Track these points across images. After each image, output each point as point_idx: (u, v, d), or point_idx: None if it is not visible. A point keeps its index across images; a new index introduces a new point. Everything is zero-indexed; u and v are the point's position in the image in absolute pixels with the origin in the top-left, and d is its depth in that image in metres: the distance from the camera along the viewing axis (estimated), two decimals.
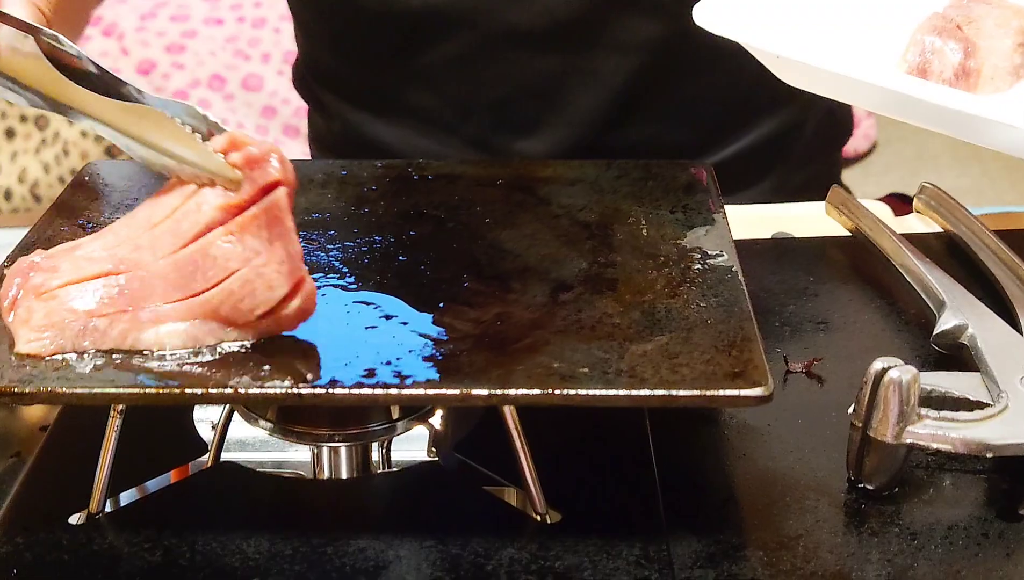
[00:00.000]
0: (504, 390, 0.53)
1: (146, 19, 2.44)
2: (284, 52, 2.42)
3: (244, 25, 2.44)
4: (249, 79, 2.41)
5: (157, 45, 2.41)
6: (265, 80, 2.41)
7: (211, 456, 0.64)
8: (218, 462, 0.63)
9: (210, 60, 2.41)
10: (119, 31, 2.41)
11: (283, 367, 0.54)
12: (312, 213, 0.70)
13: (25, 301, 0.56)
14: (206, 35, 2.42)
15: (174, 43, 2.41)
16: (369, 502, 0.61)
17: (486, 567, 0.55)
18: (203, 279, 0.55)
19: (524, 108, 1.01)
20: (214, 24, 2.44)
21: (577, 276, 0.63)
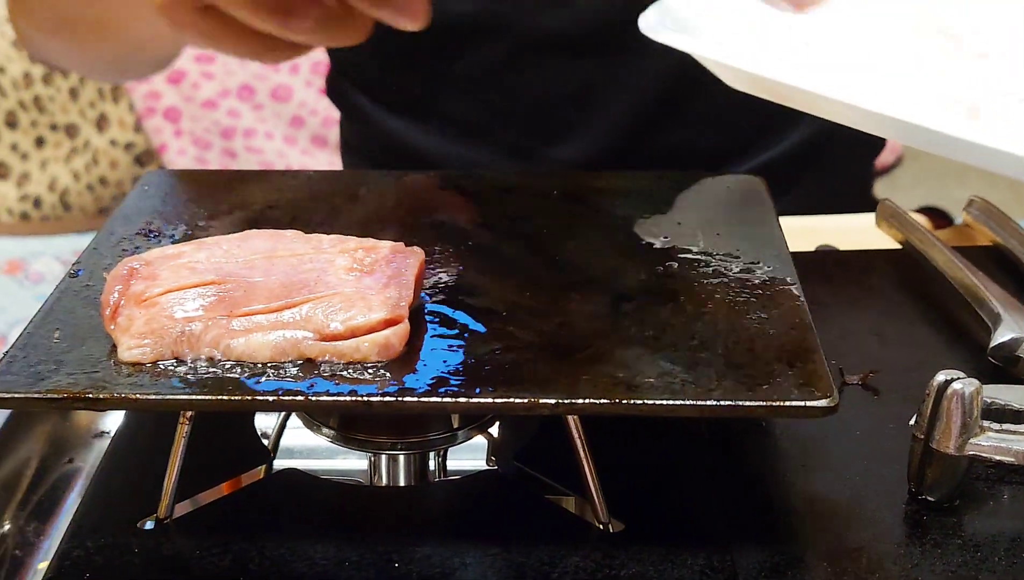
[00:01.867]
0: (571, 399, 0.54)
1: None
2: (312, 63, 2.43)
3: None
4: (278, 89, 2.43)
5: (187, 55, 2.42)
6: (294, 90, 2.43)
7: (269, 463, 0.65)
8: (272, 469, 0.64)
9: (239, 70, 2.42)
10: None
11: (353, 376, 0.55)
12: (370, 223, 0.70)
13: (126, 309, 0.57)
14: None
15: (204, 53, 2.42)
16: (431, 510, 0.61)
17: (551, 575, 0.55)
18: (308, 292, 0.57)
19: (557, 114, 1.01)
20: None
21: (637, 287, 0.63)
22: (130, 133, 2.43)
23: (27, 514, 0.81)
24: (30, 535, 0.80)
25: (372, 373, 0.56)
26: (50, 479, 0.85)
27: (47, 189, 2.46)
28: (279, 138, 2.43)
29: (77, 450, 0.88)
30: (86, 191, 2.45)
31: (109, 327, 0.58)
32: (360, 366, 0.56)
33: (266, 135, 2.42)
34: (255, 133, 2.41)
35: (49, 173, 2.47)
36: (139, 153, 2.44)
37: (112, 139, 2.43)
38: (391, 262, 0.61)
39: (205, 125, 2.40)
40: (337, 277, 0.59)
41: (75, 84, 2.43)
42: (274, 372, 0.56)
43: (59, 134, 2.47)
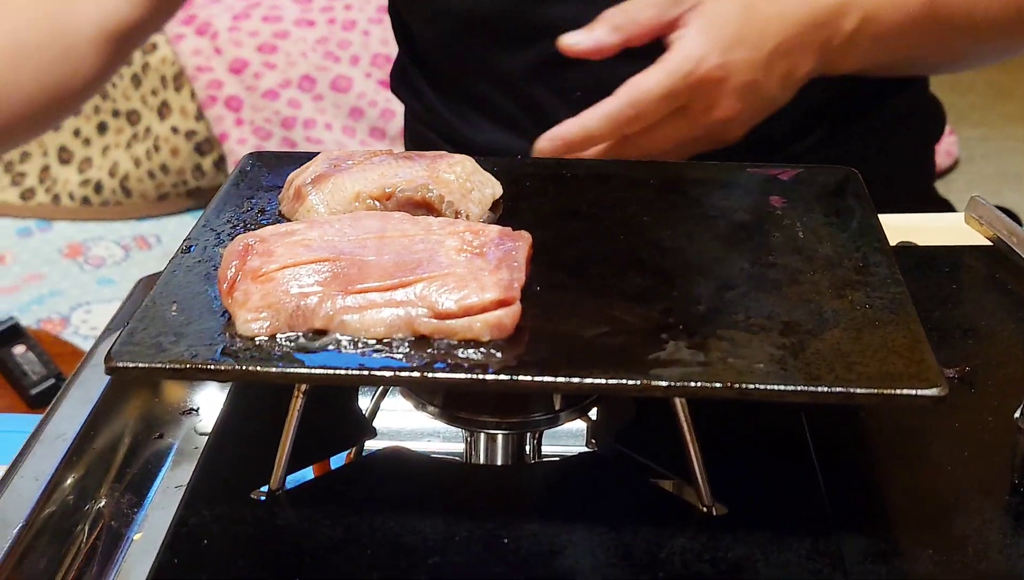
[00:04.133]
0: (684, 383, 0.55)
1: (239, 19, 2.48)
2: (372, 55, 2.46)
3: (335, 27, 2.48)
4: (338, 80, 2.45)
5: (249, 45, 2.45)
6: (354, 82, 2.45)
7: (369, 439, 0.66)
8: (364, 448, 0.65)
9: (301, 61, 2.45)
10: (213, 30, 2.46)
11: (466, 355, 0.56)
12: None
13: (243, 284, 0.58)
14: (297, 36, 2.46)
15: (266, 43, 2.45)
16: (536, 489, 0.62)
17: (659, 555, 0.56)
18: (421, 271, 0.58)
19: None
20: (305, 25, 2.48)
21: (740, 275, 0.64)
22: (191, 121, 2.46)
23: (122, 487, 0.83)
24: (124, 507, 0.81)
25: (484, 352, 0.57)
26: (142, 454, 0.86)
27: (108, 175, 2.49)
28: (338, 129, 2.45)
29: (167, 426, 0.90)
30: (147, 177, 2.48)
31: (226, 301, 0.59)
32: (472, 345, 0.57)
33: (325, 126, 2.44)
34: (315, 123, 2.43)
35: (110, 159, 2.50)
36: (200, 141, 2.47)
37: (173, 126, 2.46)
38: (500, 245, 0.62)
39: (266, 115, 2.43)
40: (448, 258, 0.60)
41: (138, 71, 2.47)
42: (387, 349, 0.57)
43: (121, 121, 2.50)
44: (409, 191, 0.68)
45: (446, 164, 0.70)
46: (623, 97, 0.80)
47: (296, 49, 2.45)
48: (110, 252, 2.41)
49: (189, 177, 2.49)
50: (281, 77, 2.43)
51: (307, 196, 0.68)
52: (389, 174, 0.69)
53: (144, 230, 2.49)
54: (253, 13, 2.48)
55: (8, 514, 0.73)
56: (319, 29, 2.47)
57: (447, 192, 0.68)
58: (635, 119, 0.81)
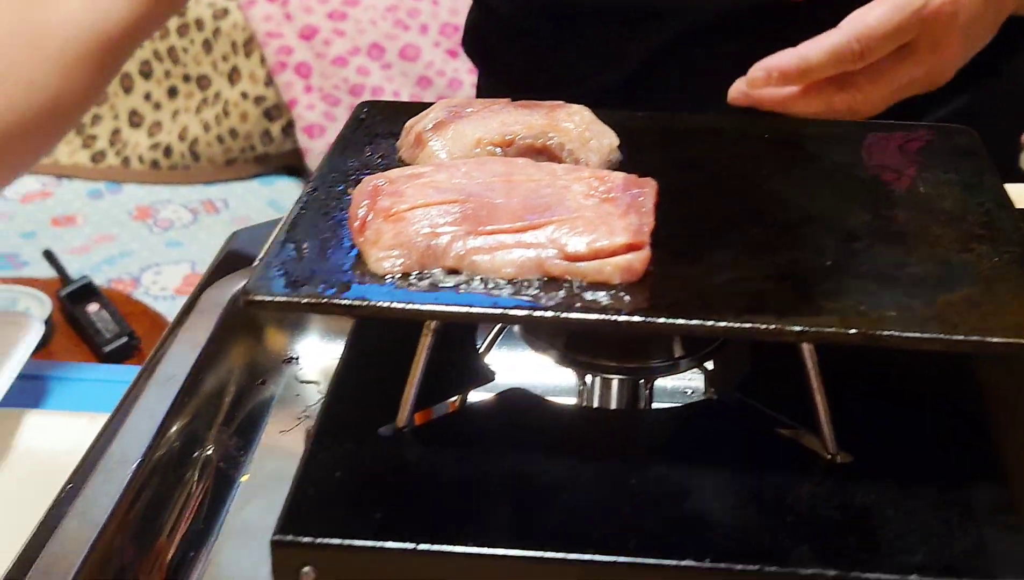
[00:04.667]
0: (818, 328, 0.55)
1: None
2: (441, 24, 2.46)
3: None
4: (407, 49, 2.45)
5: (320, 11, 2.46)
6: (422, 51, 2.45)
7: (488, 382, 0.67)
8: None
9: (370, 29, 2.46)
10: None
11: (595, 297, 0.56)
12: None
13: (374, 222, 0.59)
14: (367, 3, 2.47)
15: (336, 10, 2.46)
16: (658, 434, 0.62)
17: (785, 500, 0.56)
18: (550, 215, 0.58)
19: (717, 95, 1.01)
20: None
21: (863, 227, 0.64)
22: (261, 87, 2.48)
23: (229, 431, 0.84)
24: (232, 450, 0.83)
25: (613, 295, 0.57)
26: (246, 400, 0.88)
27: (177, 138, 2.52)
28: (405, 97, 2.46)
29: (269, 373, 0.91)
30: (215, 142, 2.50)
31: (358, 240, 0.60)
32: (601, 288, 0.57)
33: (393, 93, 2.45)
34: (383, 91, 2.44)
35: (180, 123, 2.52)
36: (268, 107, 2.48)
37: (243, 92, 2.48)
38: (627, 191, 0.62)
39: (334, 81, 2.44)
40: (576, 202, 0.61)
41: (209, 36, 2.48)
42: (517, 289, 0.57)
43: (191, 85, 2.52)
44: (530, 138, 0.68)
45: (565, 113, 0.70)
46: (847, 31, 0.75)
47: (366, 16, 2.46)
48: (178, 215, 2.43)
49: (257, 142, 2.51)
50: (350, 44, 2.44)
51: (428, 142, 0.69)
52: (509, 121, 0.69)
53: (212, 194, 2.51)
54: None
55: (123, 453, 0.75)
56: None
57: (567, 140, 0.69)
58: (859, 55, 0.76)
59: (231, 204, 2.48)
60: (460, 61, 2.46)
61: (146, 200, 2.47)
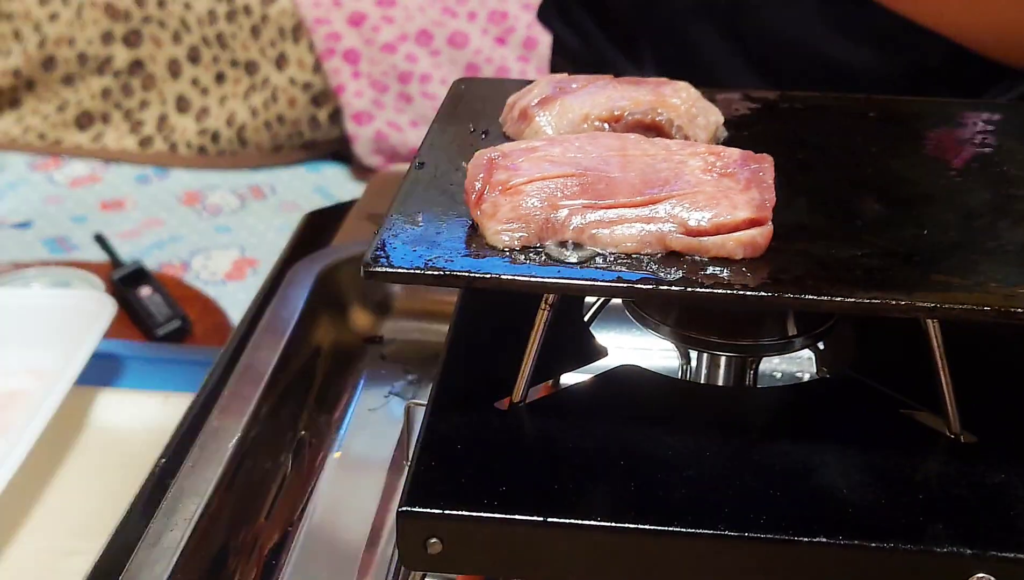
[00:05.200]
0: (950, 304, 0.54)
1: None
2: (489, 11, 2.45)
3: None
4: (455, 36, 2.44)
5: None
6: (470, 38, 2.44)
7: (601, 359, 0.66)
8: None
9: (419, 15, 2.45)
10: None
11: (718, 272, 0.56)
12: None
13: (491, 195, 0.58)
14: None
15: None
16: (777, 412, 0.62)
17: (914, 478, 0.56)
18: (669, 189, 0.58)
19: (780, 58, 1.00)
20: None
21: (983, 205, 0.63)
22: (308, 73, 2.47)
23: (320, 410, 0.84)
24: (323, 427, 0.83)
25: (736, 270, 0.56)
26: (334, 380, 0.88)
27: (225, 124, 2.51)
28: None
29: (354, 353, 0.91)
30: (263, 128, 2.50)
31: (475, 213, 0.59)
32: (723, 263, 0.57)
33: (441, 81, 2.44)
34: (431, 79, 2.43)
35: (227, 109, 2.52)
36: (316, 93, 2.48)
37: (291, 78, 2.48)
38: (745, 165, 0.61)
39: (383, 68, 2.43)
40: (695, 177, 0.60)
41: (257, 22, 2.48)
42: (638, 263, 0.57)
43: (239, 71, 2.52)
44: (638, 114, 0.68)
45: (671, 89, 0.70)
46: None
47: (414, 3, 2.45)
48: (226, 201, 2.43)
49: (304, 129, 2.51)
50: (399, 31, 2.43)
51: (534, 117, 0.68)
52: (616, 97, 0.69)
53: (259, 180, 2.51)
54: None
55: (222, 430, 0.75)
56: None
57: (675, 116, 0.68)
58: None
59: (278, 190, 2.47)
60: (508, 48, 2.45)
61: (194, 185, 2.47)
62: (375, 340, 0.91)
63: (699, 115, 0.69)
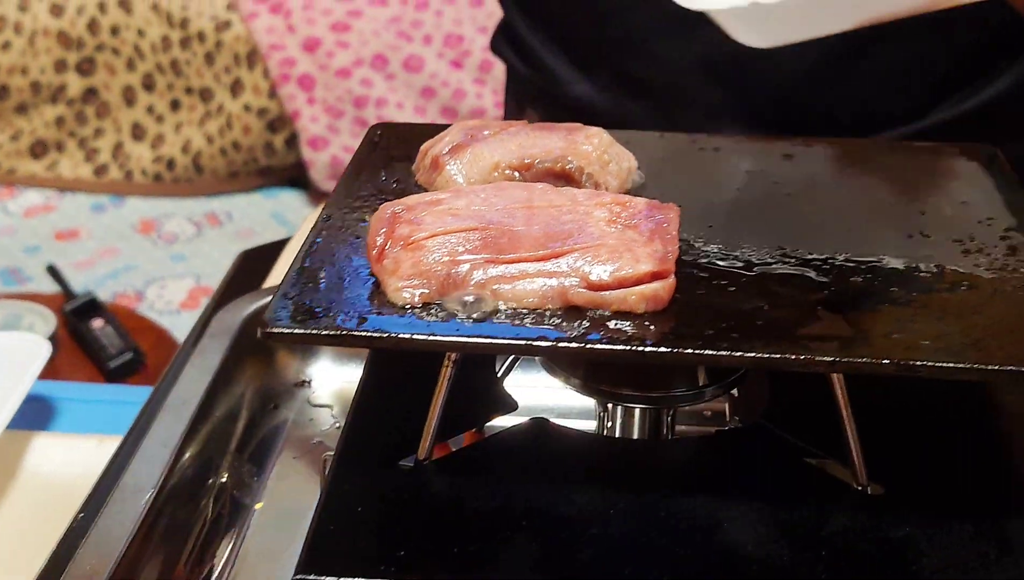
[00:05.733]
0: (848, 358, 0.53)
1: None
2: (445, 35, 2.45)
3: (407, 7, 2.47)
4: (411, 60, 2.44)
5: (323, 23, 2.45)
6: (426, 61, 2.44)
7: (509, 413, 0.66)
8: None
9: (373, 40, 2.44)
10: (286, 8, 2.46)
11: (621, 327, 0.55)
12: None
13: (392, 251, 0.57)
14: (370, 15, 2.46)
15: (339, 21, 2.45)
16: (685, 464, 0.61)
17: (820, 533, 0.55)
18: (572, 243, 0.57)
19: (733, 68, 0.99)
20: (378, 4, 2.47)
21: (895, 250, 0.63)
22: (264, 99, 2.47)
23: (243, 458, 0.83)
24: (245, 477, 0.82)
25: (638, 324, 0.56)
26: (259, 425, 0.86)
27: (180, 151, 2.50)
28: (409, 108, 2.45)
29: (281, 397, 0.90)
30: (219, 155, 2.49)
31: (376, 268, 0.59)
32: (625, 317, 0.56)
33: (397, 105, 2.43)
34: (386, 103, 2.42)
35: (183, 136, 2.51)
36: (272, 119, 2.47)
37: (246, 104, 2.47)
38: (650, 217, 0.61)
39: (338, 93, 2.43)
40: (599, 229, 0.59)
41: (211, 49, 2.47)
42: (540, 318, 0.56)
43: (194, 98, 2.51)
44: (548, 162, 0.67)
45: (583, 136, 0.69)
46: None
47: (369, 28, 2.45)
48: (182, 228, 2.42)
49: (260, 155, 2.50)
50: (354, 56, 2.43)
51: (445, 166, 0.68)
52: (527, 145, 0.68)
53: (215, 207, 2.50)
54: None
55: (139, 479, 0.73)
56: (392, 8, 2.46)
57: (586, 164, 0.67)
58: None
59: (235, 217, 2.47)
60: (464, 72, 2.45)
61: (150, 213, 2.46)
62: (302, 384, 0.90)
63: (611, 161, 0.69)
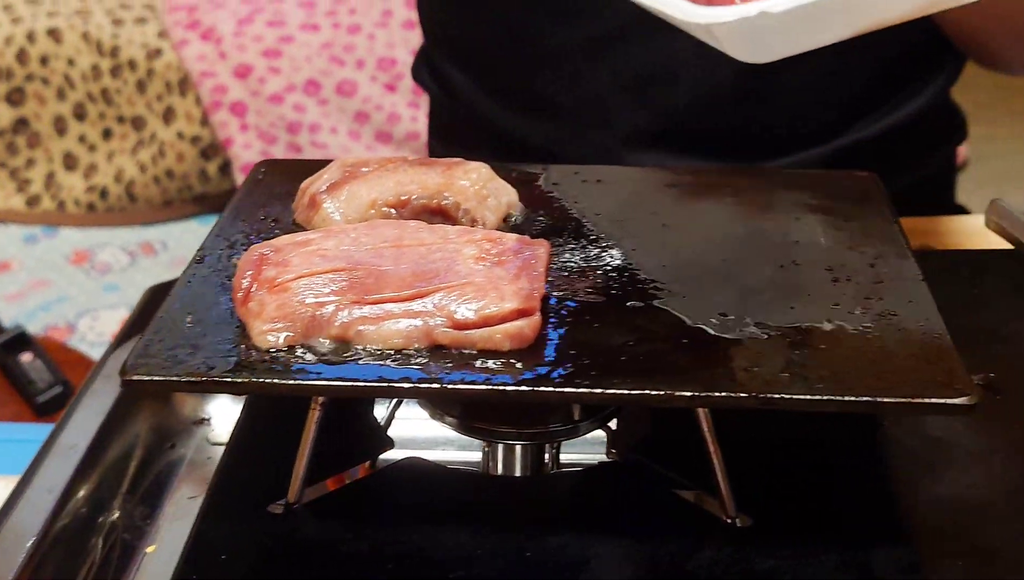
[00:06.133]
0: (708, 393, 0.54)
1: (244, 24, 2.47)
2: (378, 59, 2.45)
3: (339, 31, 2.47)
4: (344, 85, 2.44)
5: (254, 49, 2.44)
6: (359, 86, 2.44)
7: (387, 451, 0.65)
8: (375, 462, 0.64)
9: (306, 65, 2.44)
10: (217, 35, 2.45)
11: (484, 365, 0.55)
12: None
13: (258, 294, 0.57)
14: (302, 40, 2.45)
15: (271, 48, 2.44)
16: (558, 500, 0.61)
17: (685, 567, 0.55)
18: (439, 281, 0.57)
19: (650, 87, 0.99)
20: (310, 30, 2.47)
21: (764, 281, 0.63)
22: (196, 127, 2.45)
23: (135, 499, 0.82)
24: (137, 519, 0.80)
25: (504, 362, 0.56)
26: (154, 465, 0.85)
27: (113, 181, 2.49)
28: (343, 133, 2.44)
29: (178, 436, 0.88)
30: (152, 183, 2.47)
31: (241, 311, 0.58)
32: (491, 355, 0.56)
33: (331, 130, 2.43)
34: (320, 128, 2.42)
35: (116, 165, 2.49)
36: (205, 146, 2.46)
37: (179, 132, 2.46)
38: (519, 253, 0.61)
39: (271, 119, 2.42)
40: (467, 267, 0.59)
41: (143, 77, 2.46)
42: (405, 359, 0.56)
43: (126, 126, 2.49)
44: (425, 198, 0.67)
45: (462, 171, 0.69)
46: None
47: (301, 54, 2.44)
48: (116, 258, 2.40)
49: (194, 182, 2.48)
50: (286, 81, 2.42)
51: (322, 204, 0.67)
52: (405, 181, 0.68)
53: (150, 236, 2.48)
54: (257, 18, 2.47)
55: (22, 525, 0.72)
56: (324, 33, 2.46)
57: (463, 199, 0.67)
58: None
59: (170, 245, 2.45)
60: (398, 95, 2.45)
61: (83, 244, 2.44)
62: (201, 422, 0.89)
63: (490, 196, 0.69)
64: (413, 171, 0.69)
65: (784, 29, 0.57)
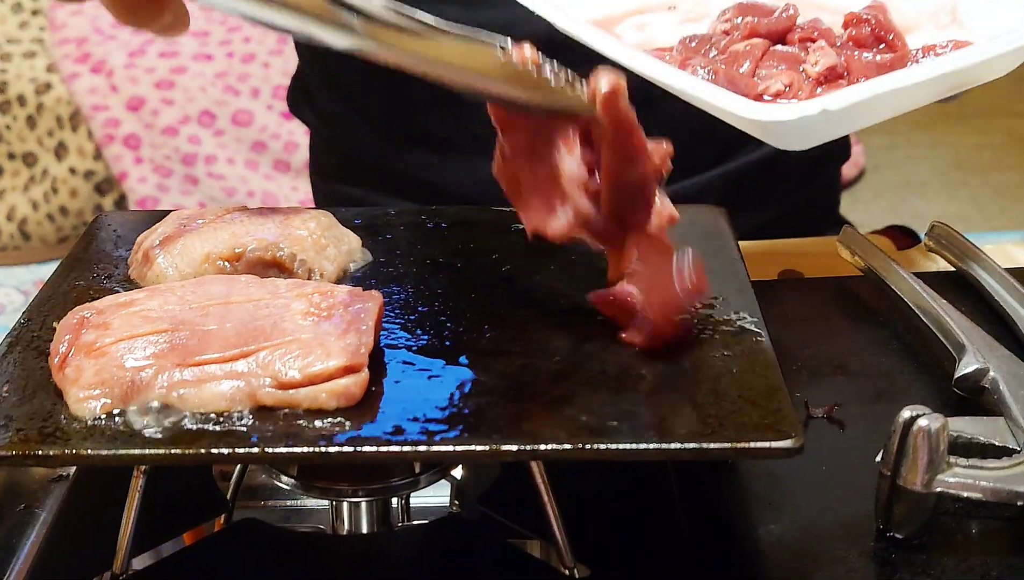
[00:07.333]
0: (534, 446, 0.53)
1: (135, 56, 2.44)
2: (273, 87, 2.43)
3: (233, 61, 2.44)
4: (239, 114, 2.41)
5: (146, 81, 2.40)
6: (255, 115, 2.42)
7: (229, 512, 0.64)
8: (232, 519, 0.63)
9: (200, 96, 2.41)
10: (108, 68, 2.41)
11: (310, 425, 0.54)
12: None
13: (75, 359, 0.55)
14: (195, 71, 2.42)
15: (164, 79, 2.41)
16: (398, 556, 0.60)
17: None
18: (264, 340, 0.56)
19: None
20: (203, 60, 2.44)
21: (599, 326, 0.62)
22: (90, 161, 2.41)
23: None
24: None
25: (331, 422, 0.55)
26: (4, 526, 0.83)
27: (5, 219, 2.43)
28: (241, 164, 2.42)
29: (34, 495, 0.86)
30: (46, 220, 2.43)
31: (58, 378, 0.56)
32: (318, 415, 0.55)
33: (227, 160, 2.40)
34: (216, 159, 2.39)
35: (7, 203, 2.44)
36: (99, 181, 2.42)
37: (71, 167, 2.41)
38: (349, 306, 0.60)
39: (166, 152, 2.38)
40: (294, 323, 0.58)
41: (32, 112, 2.41)
42: (229, 423, 0.54)
43: (17, 163, 2.44)
44: (260, 250, 0.66)
45: (300, 220, 0.68)
46: None
47: (195, 84, 2.41)
48: (10, 298, 2.35)
49: (89, 218, 2.44)
50: (180, 113, 2.39)
51: (155, 259, 0.66)
52: (240, 233, 0.67)
53: (44, 274, 2.43)
54: (149, 49, 2.44)
55: None
56: (218, 63, 2.43)
57: (299, 250, 0.66)
58: None
59: None
60: (295, 124, 2.43)
61: None
62: (60, 479, 0.87)
63: (329, 245, 0.68)
64: (250, 222, 0.68)
65: (836, 121, 0.57)
